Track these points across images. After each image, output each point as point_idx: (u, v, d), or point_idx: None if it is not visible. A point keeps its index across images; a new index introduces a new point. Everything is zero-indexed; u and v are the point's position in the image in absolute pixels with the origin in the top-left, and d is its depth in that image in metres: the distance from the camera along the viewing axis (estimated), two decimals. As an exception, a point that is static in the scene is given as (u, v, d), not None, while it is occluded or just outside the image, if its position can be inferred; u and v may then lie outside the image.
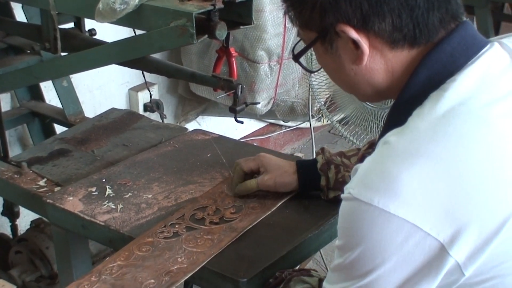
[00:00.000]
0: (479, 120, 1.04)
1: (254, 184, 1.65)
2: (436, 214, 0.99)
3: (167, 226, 1.55)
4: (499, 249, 1.01)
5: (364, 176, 1.05)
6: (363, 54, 1.11)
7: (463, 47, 1.11)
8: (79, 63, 1.90)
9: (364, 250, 1.03)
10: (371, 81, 1.16)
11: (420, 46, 1.11)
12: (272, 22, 3.01)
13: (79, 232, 1.67)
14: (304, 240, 1.51)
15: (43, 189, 1.81)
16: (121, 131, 2.13)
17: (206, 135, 2.05)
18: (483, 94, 1.07)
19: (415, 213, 0.99)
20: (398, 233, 0.99)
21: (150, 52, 1.80)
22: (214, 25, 1.56)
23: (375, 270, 1.03)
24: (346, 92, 1.31)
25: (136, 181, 1.77)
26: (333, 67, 1.19)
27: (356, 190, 1.03)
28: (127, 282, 1.39)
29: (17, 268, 2.18)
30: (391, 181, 1.00)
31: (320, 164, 1.61)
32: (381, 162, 1.04)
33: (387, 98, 1.21)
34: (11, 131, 2.62)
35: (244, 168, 1.67)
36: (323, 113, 2.91)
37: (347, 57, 1.14)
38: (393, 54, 1.12)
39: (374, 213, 1.00)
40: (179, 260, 1.44)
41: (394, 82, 1.15)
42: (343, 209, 1.07)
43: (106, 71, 2.89)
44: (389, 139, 1.06)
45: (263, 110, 3.24)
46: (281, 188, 1.64)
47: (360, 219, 1.02)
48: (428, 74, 1.11)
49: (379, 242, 1.01)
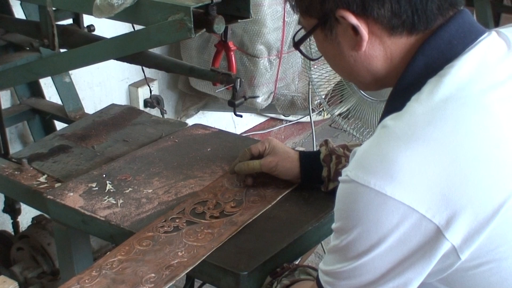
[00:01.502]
0: (477, 105, 1.05)
1: (257, 164, 1.66)
2: (432, 197, 1.00)
3: (167, 221, 1.55)
4: (495, 232, 1.02)
5: (361, 158, 1.06)
6: (362, 40, 1.12)
7: (461, 34, 1.12)
8: (78, 59, 1.90)
9: (360, 232, 1.04)
10: (370, 68, 1.17)
11: (418, 33, 1.12)
12: (271, 16, 3.01)
13: (80, 228, 1.67)
14: (304, 233, 1.52)
15: (43, 185, 1.82)
16: (121, 126, 2.13)
17: (206, 130, 2.05)
18: (480, 80, 1.08)
19: (411, 195, 1.00)
20: (394, 215, 1.00)
21: (149, 47, 1.80)
22: (212, 19, 1.56)
23: (370, 252, 1.04)
24: (346, 80, 1.32)
25: (136, 176, 1.77)
26: (332, 54, 1.20)
27: (353, 173, 1.04)
28: (127, 276, 1.39)
29: (19, 264, 2.19)
30: (388, 164, 1.01)
31: (323, 155, 1.61)
32: (378, 145, 1.05)
33: (385, 86, 1.22)
34: (12, 128, 2.62)
35: (252, 150, 1.68)
36: (323, 107, 2.91)
37: (346, 43, 1.15)
38: (392, 40, 1.13)
39: (370, 195, 1.01)
40: (179, 254, 1.44)
41: (393, 69, 1.16)
42: (340, 191, 1.08)
43: (106, 67, 2.89)
44: (387, 123, 1.06)
45: (263, 105, 3.23)
46: (282, 173, 1.65)
47: (356, 201, 1.04)
48: (426, 61, 1.11)
49: (374, 224, 1.02)
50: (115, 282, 1.38)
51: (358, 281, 1.09)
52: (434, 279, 1.09)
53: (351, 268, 1.08)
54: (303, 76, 3.22)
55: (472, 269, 1.05)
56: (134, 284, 1.37)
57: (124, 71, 3.09)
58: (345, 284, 1.11)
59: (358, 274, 1.08)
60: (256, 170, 1.67)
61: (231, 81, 1.72)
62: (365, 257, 1.05)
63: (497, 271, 1.06)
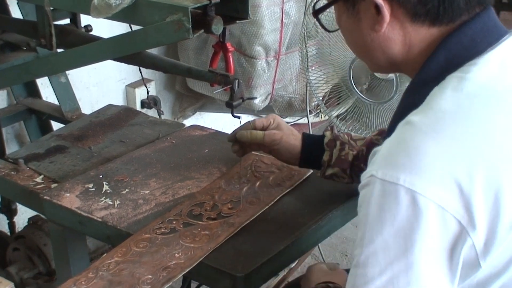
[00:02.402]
0: (502, 104, 1.05)
1: (260, 134, 1.64)
2: (460, 196, 0.98)
3: (164, 222, 1.55)
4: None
5: (387, 156, 1.03)
6: (383, 21, 1.12)
7: (485, 32, 1.11)
8: (75, 59, 1.89)
9: (390, 233, 1.00)
10: (386, 50, 1.16)
11: (441, 25, 1.11)
12: (269, 17, 3.00)
13: (76, 229, 1.66)
14: (302, 235, 1.51)
15: (40, 186, 1.81)
16: (118, 127, 2.13)
17: (203, 131, 2.04)
18: (503, 79, 1.07)
19: (441, 193, 0.98)
20: (425, 214, 0.98)
21: (147, 48, 1.79)
22: (210, 20, 1.55)
23: (402, 256, 1.00)
24: (359, 57, 1.30)
25: (133, 177, 1.76)
26: (350, 29, 1.19)
27: (379, 172, 1.01)
28: (124, 278, 1.38)
29: (15, 265, 2.18)
30: (417, 159, 0.99)
31: (327, 139, 1.60)
32: (404, 141, 1.02)
33: (398, 71, 1.21)
34: (8, 128, 2.62)
35: (256, 122, 1.67)
36: (321, 108, 2.91)
37: (367, 21, 1.15)
38: (413, 27, 1.12)
39: (400, 193, 0.98)
40: (176, 255, 1.44)
41: (410, 57, 1.15)
42: (365, 194, 1.04)
43: (103, 68, 2.88)
44: (411, 119, 1.04)
45: (260, 106, 3.23)
46: (284, 148, 1.62)
47: (385, 201, 1.00)
48: (447, 56, 1.10)
49: (404, 224, 0.99)
50: (112, 284, 1.37)
51: None
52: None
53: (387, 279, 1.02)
54: (301, 78, 3.22)
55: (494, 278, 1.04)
56: (131, 285, 1.36)
57: (121, 72, 3.09)
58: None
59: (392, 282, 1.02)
60: (259, 140, 1.64)
61: (229, 82, 1.71)
62: (397, 264, 1.00)
63: None
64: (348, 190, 1.62)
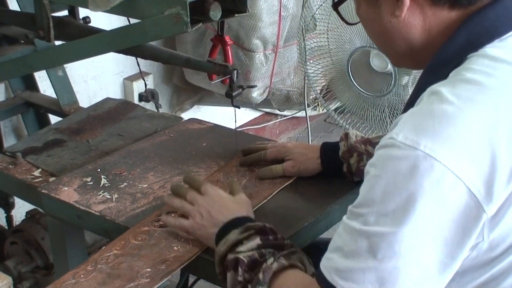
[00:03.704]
0: None
1: (280, 169, 1.67)
2: (480, 169, 0.97)
3: (163, 215, 1.55)
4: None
5: (411, 120, 1.02)
6: (403, 6, 1.12)
7: (507, 16, 1.10)
8: (73, 53, 1.89)
9: (402, 198, 0.99)
10: (406, 36, 1.15)
11: (460, 8, 1.11)
12: (267, 10, 3.00)
13: (74, 222, 1.66)
14: (300, 229, 1.51)
15: (38, 180, 1.80)
16: (116, 120, 2.12)
17: (201, 124, 2.04)
18: None
19: (461, 164, 0.96)
20: (440, 183, 0.96)
21: (145, 41, 1.79)
22: (208, 6, 1.55)
23: (408, 220, 0.98)
24: (380, 50, 1.29)
25: (131, 170, 1.76)
26: (371, 18, 1.19)
27: (401, 135, 1.00)
28: (123, 271, 1.38)
29: (13, 259, 2.18)
30: (443, 126, 0.98)
31: (341, 151, 1.61)
32: (431, 108, 1.01)
33: (419, 59, 1.19)
34: (6, 122, 2.61)
35: (268, 159, 1.71)
36: (319, 102, 2.90)
37: (387, 7, 1.15)
38: (432, 11, 1.12)
39: (418, 158, 0.97)
40: (175, 248, 1.44)
41: (430, 41, 1.14)
42: (380, 155, 1.03)
43: (100, 61, 2.87)
44: (438, 89, 1.04)
45: (258, 99, 3.23)
46: (305, 174, 1.67)
47: (402, 165, 0.98)
48: (468, 36, 1.10)
49: (417, 191, 0.97)
50: (110, 277, 1.37)
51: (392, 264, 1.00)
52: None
53: (380, 245, 1.00)
54: (299, 71, 3.22)
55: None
56: (130, 278, 1.36)
57: (119, 65, 3.08)
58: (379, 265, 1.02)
59: (384, 256, 1.00)
60: (279, 174, 1.68)
61: (228, 72, 1.71)
62: (402, 228, 0.98)
63: None
64: (347, 184, 1.62)
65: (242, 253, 1.26)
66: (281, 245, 1.28)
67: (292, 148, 1.70)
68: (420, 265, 1.00)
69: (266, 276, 1.20)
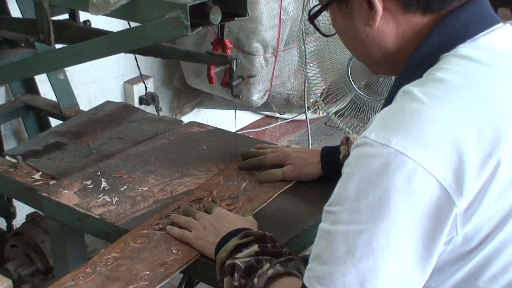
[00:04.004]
0: (500, 77, 1.07)
1: (280, 174, 1.69)
2: (450, 164, 0.98)
3: (162, 218, 1.55)
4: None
5: (382, 119, 1.04)
6: (376, 15, 1.13)
7: (478, 18, 1.12)
8: (74, 56, 1.89)
9: (375, 196, 1.00)
10: (381, 44, 1.17)
11: (432, 13, 1.13)
12: (267, 14, 3.00)
13: (74, 226, 1.66)
14: (300, 231, 1.51)
15: (38, 183, 1.81)
16: (116, 124, 2.12)
17: (201, 128, 2.04)
18: (495, 60, 1.09)
19: (431, 159, 0.98)
20: (412, 179, 0.98)
21: (145, 44, 1.79)
22: (208, 9, 1.55)
23: (382, 218, 1.00)
24: (359, 60, 1.31)
25: (131, 174, 1.76)
26: (346, 29, 1.21)
27: (372, 134, 1.02)
28: (122, 273, 1.38)
29: (13, 262, 2.18)
30: (413, 124, 1.00)
31: (342, 155, 1.62)
32: (402, 109, 1.03)
33: (395, 65, 1.20)
34: (6, 125, 2.62)
35: (267, 160, 1.72)
36: (319, 105, 2.91)
37: (361, 18, 1.16)
38: (405, 18, 1.14)
39: (390, 155, 0.99)
40: (174, 252, 1.44)
41: (404, 47, 1.16)
42: (354, 154, 1.04)
43: (101, 64, 2.88)
44: (409, 88, 1.05)
45: (258, 102, 3.23)
46: (306, 178, 1.68)
47: (373, 162, 1.00)
48: (440, 39, 1.12)
49: (389, 188, 0.99)
50: (109, 279, 1.37)
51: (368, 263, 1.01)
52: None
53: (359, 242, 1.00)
54: (299, 74, 3.22)
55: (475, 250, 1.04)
56: (129, 281, 1.36)
57: (119, 68, 3.09)
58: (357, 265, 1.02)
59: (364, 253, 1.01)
60: (279, 179, 1.69)
61: (227, 62, 1.71)
62: (375, 225, 0.99)
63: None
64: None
65: (240, 259, 1.29)
66: (278, 252, 1.31)
67: (292, 152, 1.71)
68: (399, 260, 1.01)
69: (260, 281, 1.22)
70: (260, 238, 1.34)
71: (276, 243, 1.34)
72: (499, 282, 1.06)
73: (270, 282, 1.22)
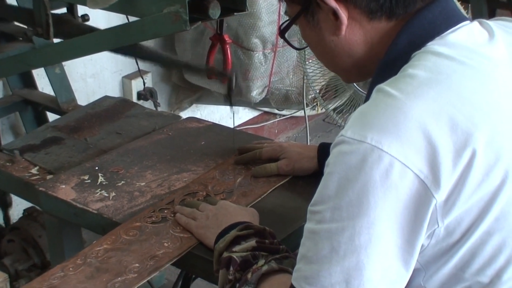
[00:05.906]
0: (474, 71, 1.07)
1: (274, 168, 1.69)
2: (426, 156, 0.99)
3: (156, 211, 1.55)
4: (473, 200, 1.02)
5: (357, 117, 1.05)
6: (342, 24, 1.14)
7: (444, 16, 1.13)
8: (72, 50, 1.88)
9: (354, 191, 1.01)
10: (350, 52, 1.19)
11: (398, 17, 1.14)
12: (266, 9, 3.00)
13: (71, 220, 1.66)
14: (297, 228, 1.51)
15: (35, 177, 1.80)
16: (114, 119, 2.12)
17: (200, 123, 2.04)
18: (463, 55, 1.09)
19: (407, 152, 0.99)
20: (389, 173, 0.98)
21: (144, 39, 1.78)
22: (207, 4, 1.55)
23: (362, 214, 1.00)
24: (330, 70, 1.32)
25: (129, 169, 1.76)
26: (315, 41, 1.22)
27: (348, 132, 1.03)
28: (111, 265, 1.39)
29: (10, 257, 2.18)
30: (387, 119, 1.01)
31: None
32: (376, 105, 1.04)
33: (367, 71, 1.22)
34: (3, 119, 2.61)
35: (263, 153, 1.72)
36: (317, 101, 2.91)
37: (327, 28, 1.17)
38: (371, 25, 1.15)
39: (366, 151, 0.99)
40: (165, 245, 1.44)
41: (373, 53, 1.17)
42: (334, 153, 1.05)
43: (99, 59, 2.87)
44: (383, 87, 1.06)
45: (257, 99, 3.23)
46: (301, 173, 1.69)
47: (350, 159, 1.01)
48: (410, 38, 1.13)
49: (368, 182, 0.99)
50: (99, 271, 1.37)
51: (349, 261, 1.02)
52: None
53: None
54: (298, 70, 3.22)
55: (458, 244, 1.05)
56: (118, 273, 1.36)
57: (117, 63, 3.08)
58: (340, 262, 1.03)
59: (344, 248, 1.01)
60: (274, 173, 1.69)
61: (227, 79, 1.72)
62: (357, 221, 1.00)
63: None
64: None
65: (236, 253, 1.30)
66: (275, 249, 1.32)
67: (287, 147, 1.72)
68: (381, 255, 1.01)
69: (254, 277, 1.23)
70: (259, 232, 1.35)
71: (274, 239, 1.35)
72: (487, 273, 1.06)
73: (263, 278, 1.24)
